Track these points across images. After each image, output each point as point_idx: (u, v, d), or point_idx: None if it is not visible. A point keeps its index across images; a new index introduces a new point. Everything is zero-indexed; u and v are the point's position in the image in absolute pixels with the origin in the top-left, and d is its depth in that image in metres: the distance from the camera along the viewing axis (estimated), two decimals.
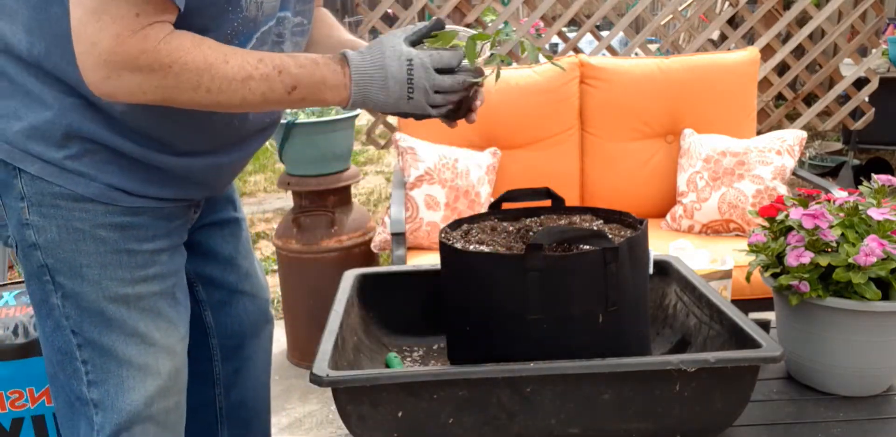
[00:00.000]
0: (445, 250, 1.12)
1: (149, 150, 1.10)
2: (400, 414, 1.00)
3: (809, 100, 4.24)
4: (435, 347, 1.32)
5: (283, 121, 2.48)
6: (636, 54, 3.72)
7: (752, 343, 1.04)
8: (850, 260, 1.12)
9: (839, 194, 1.27)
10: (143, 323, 1.15)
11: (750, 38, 4.08)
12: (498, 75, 1.12)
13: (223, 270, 1.37)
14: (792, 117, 4.14)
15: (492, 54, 1.15)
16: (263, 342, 1.47)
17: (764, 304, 2.05)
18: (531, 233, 1.16)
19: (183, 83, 0.97)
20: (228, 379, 1.42)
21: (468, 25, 3.58)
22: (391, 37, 1.07)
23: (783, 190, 2.43)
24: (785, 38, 3.79)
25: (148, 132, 1.09)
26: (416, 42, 1.09)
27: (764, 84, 3.54)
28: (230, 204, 1.38)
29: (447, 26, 1.11)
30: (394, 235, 2.32)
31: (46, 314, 1.14)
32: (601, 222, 1.20)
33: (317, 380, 0.98)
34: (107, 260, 1.12)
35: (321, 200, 2.64)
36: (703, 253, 1.62)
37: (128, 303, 1.14)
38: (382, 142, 3.64)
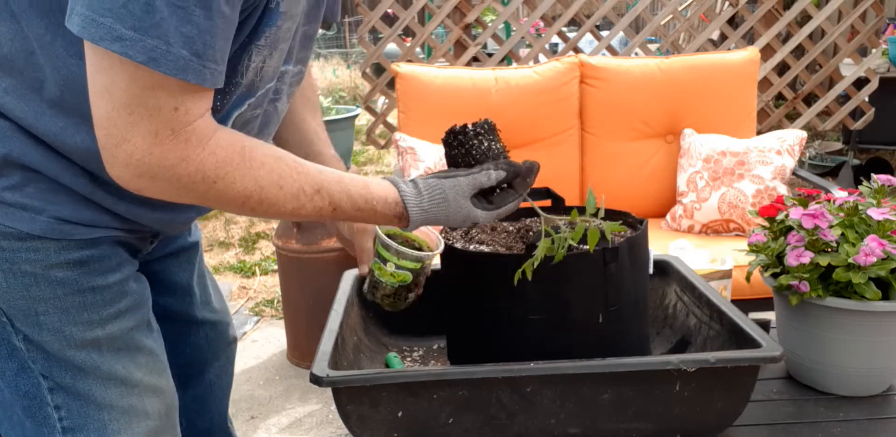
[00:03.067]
0: (445, 249, 1.12)
1: (98, 189, 0.95)
2: (400, 414, 1.00)
3: (809, 100, 4.25)
4: (435, 347, 1.32)
5: None
6: (636, 54, 3.72)
7: (752, 343, 1.04)
8: (850, 260, 1.12)
9: (839, 194, 1.27)
10: (120, 364, 1.01)
11: (750, 38, 4.09)
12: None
13: (181, 300, 1.24)
14: (792, 117, 4.14)
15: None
16: (225, 364, 1.35)
17: (764, 304, 2.05)
18: (531, 233, 1.16)
19: (225, 201, 0.87)
20: (189, 406, 1.30)
21: (468, 25, 3.58)
22: (457, 191, 0.98)
23: (783, 190, 2.43)
24: (785, 38, 3.79)
25: (98, 171, 0.93)
26: (485, 192, 1.02)
27: (764, 84, 3.54)
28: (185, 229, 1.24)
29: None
30: None
31: (7, 355, 0.98)
32: (601, 221, 1.20)
33: (317, 380, 0.98)
34: (67, 304, 0.97)
35: None
36: (703, 253, 1.62)
37: (99, 347, 1.00)
38: (382, 142, 3.64)
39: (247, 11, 0.84)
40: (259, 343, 2.96)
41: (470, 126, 1.04)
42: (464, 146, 1.03)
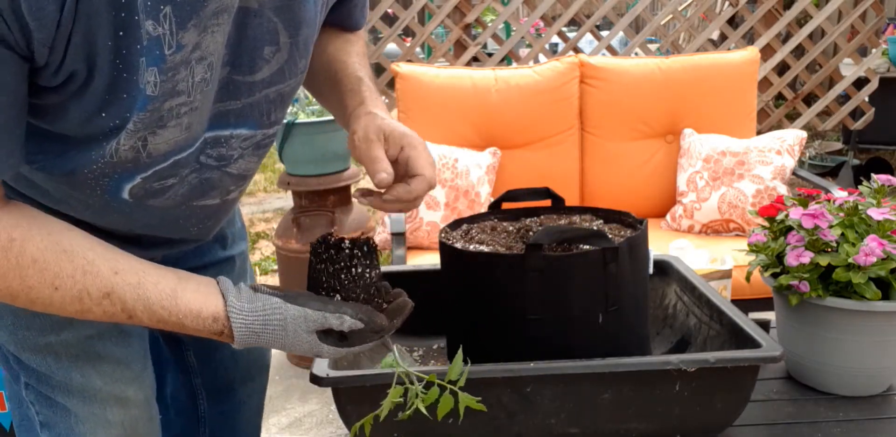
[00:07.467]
0: (445, 250, 1.12)
1: (62, 203, 0.91)
2: (400, 414, 1.00)
3: (809, 100, 4.25)
4: (435, 347, 1.32)
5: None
6: (636, 54, 3.72)
7: (752, 343, 1.04)
8: (850, 260, 1.12)
9: (839, 194, 1.27)
10: (78, 373, 0.99)
11: (750, 38, 4.09)
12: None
13: None
14: (792, 117, 4.14)
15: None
16: (258, 386, 1.33)
17: (764, 304, 2.05)
18: (531, 233, 1.16)
19: None
20: (215, 421, 1.30)
21: (467, 25, 3.58)
22: (299, 324, 0.83)
23: (783, 190, 2.43)
24: (785, 38, 3.79)
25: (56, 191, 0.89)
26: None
27: (764, 84, 3.54)
28: (217, 244, 1.19)
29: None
30: (394, 234, 2.32)
31: None
32: (601, 221, 1.20)
33: (317, 380, 0.98)
34: (17, 308, 0.91)
35: (321, 200, 2.64)
36: (703, 253, 1.62)
37: (55, 353, 0.98)
38: None
39: (70, 90, 0.74)
40: None
41: (347, 242, 0.89)
42: (333, 265, 0.89)
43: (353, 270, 0.89)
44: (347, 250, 0.89)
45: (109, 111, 0.76)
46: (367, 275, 0.89)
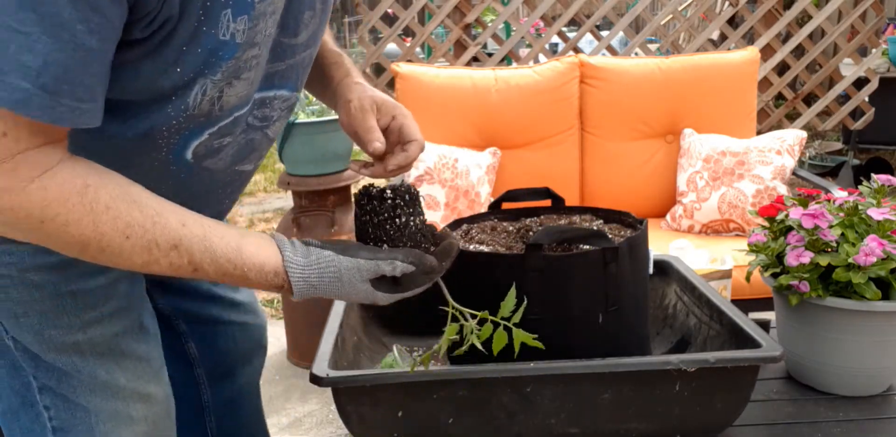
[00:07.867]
0: None
1: None
2: (400, 414, 1.00)
3: (809, 100, 4.25)
4: (435, 347, 1.32)
5: None
6: (636, 54, 3.72)
7: (752, 343, 1.04)
8: (850, 260, 1.12)
9: (839, 194, 1.27)
10: (103, 370, 1.00)
11: (750, 38, 4.09)
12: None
13: (202, 304, 1.23)
14: (792, 117, 4.15)
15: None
16: (256, 368, 1.36)
17: (764, 304, 2.05)
18: (531, 233, 1.16)
19: (59, 245, 0.78)
20: (219, 409, 1.31)
21: (467, 25, 3.58)
22: (353, 274, 0.87)
23: (783, 190, 2.43)
24: (785, 38, 3.79)
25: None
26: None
27: (764, 84, 3.54)
28: None
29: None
30: None
31: (1, 353, 0.99)
32: (601, 221, 1.20)
33: (317, 380, 0.98)
34: (45, 307, 0.94)
35: (321, 200, 2.64)
36: (703, 253, 1.63)
37: (81, 351, 0.98)
38: None
39: (154, 42, 0.76)
40: None
41: (389, 192, 0.92)
42: (377, 216, 0.92)
43: (398, 219, 0.91)
44: (390, 200, 0.91)
45: (185, 65, 0.79)
46: (412, 223, 0.92)
